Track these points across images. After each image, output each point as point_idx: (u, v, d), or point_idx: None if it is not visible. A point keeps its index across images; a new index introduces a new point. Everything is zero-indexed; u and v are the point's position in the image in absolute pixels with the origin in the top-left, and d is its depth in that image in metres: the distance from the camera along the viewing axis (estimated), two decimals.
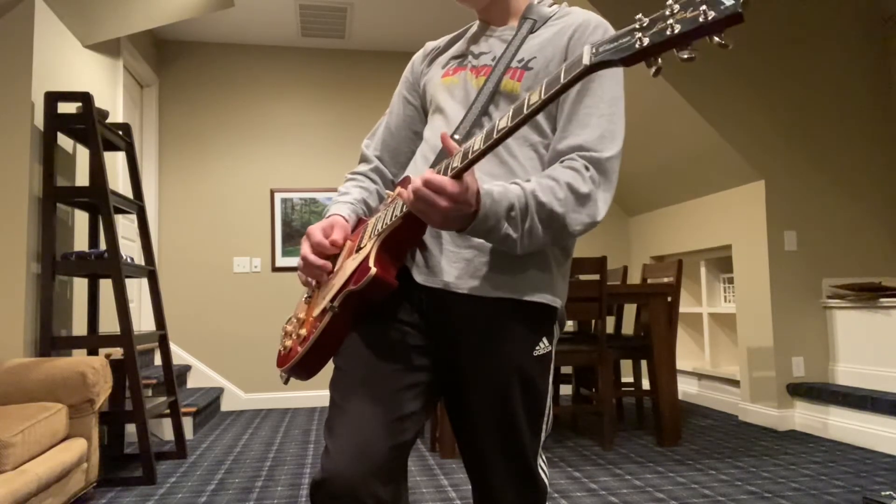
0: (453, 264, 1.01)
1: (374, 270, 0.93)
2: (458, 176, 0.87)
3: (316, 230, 1.06)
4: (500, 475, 1.03)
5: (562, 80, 0.74)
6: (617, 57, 0.69)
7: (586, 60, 0.72)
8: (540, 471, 1.07)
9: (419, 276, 1.03)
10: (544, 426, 1.07)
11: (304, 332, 1.06)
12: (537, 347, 1.03)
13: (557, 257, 1.07)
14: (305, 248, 1.06)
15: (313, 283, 1.10)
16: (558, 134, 1.02)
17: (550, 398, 1.09)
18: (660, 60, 0.68)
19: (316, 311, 1.05)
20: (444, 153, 1.05)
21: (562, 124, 1.02)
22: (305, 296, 1.15)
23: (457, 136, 1.05)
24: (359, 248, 1.03)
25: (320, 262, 1.04)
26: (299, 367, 1.04)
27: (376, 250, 0.96)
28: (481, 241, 0.99)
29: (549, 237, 0.96)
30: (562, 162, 0.99)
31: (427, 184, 0.86)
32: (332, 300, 0.99)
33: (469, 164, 0.84)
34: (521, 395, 1.02)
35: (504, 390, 1.01)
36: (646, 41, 0.66)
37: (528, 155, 1.04)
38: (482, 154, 0.83)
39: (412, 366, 1.01)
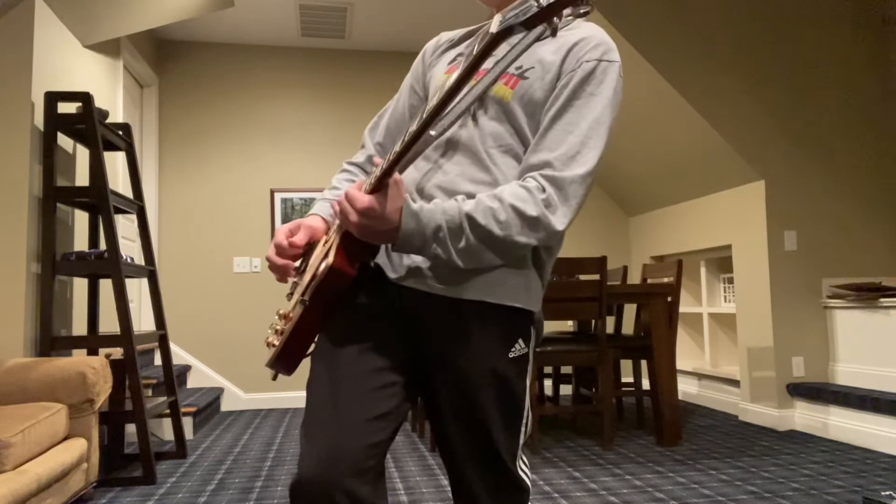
0: (427, 264, 1.00)
1: (329, 260, 0.95)
2: (379, 188, 0.89)
3: (280, 231, 1.07)
4: (473, 475, 1.03)
5: (474, 53, 0.74)
6: (519, 21, 0.70)
7: (493, 29, 0.72)
8: (520, 472, 1.06)
9: (393, 275, 1.02)
10: (523, 428, 1.06)
11: (280, 326, 1.08)
12: (513, 349, 1.02)
13: (538, 267, 1.05)
14: (270, 248, 1.07)
15: (292, 277, 1.11)
16: (532, 146, 1.00)
17: (529, 399, 1.08)
18: (556, 20, 0.71)
19: (292, 306, 1.07)
20: (422, 147, 1.04)
21: (537, 137, 1.00)
22: (288, 292, 1.17)
23: (433, 132, 1.03)
24: (327, 241, 1.05)
25: (280, 262, 1.05)
26: (279, 360, 1.05)
27: (337, 241, 0.97)
28: None
29: (496, 255, 0.96)
30: (522, 179, 0.97)
31: (346, 197, 0.90)
32: (303, 294, 1.01)
33: (388, 171, 0.87)
34: (496, 397, 1.00)
35: (477, 392, 1.00)
36: (543, 1, 0.69)
37: (511, 164, 1.02)
38: (399, 156, 0.85)
39: (388, 365, 1.00)
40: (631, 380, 4.96)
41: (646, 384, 5.09)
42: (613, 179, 5.21)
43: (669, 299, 3.43)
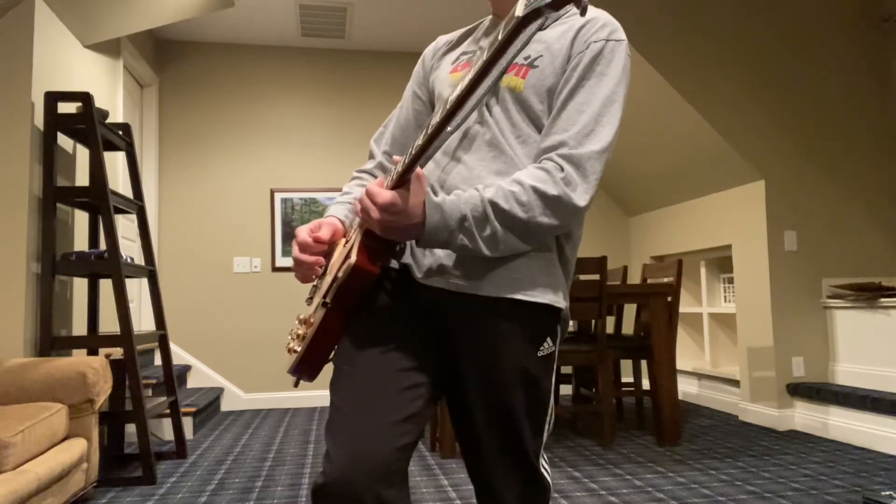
0: (454, 262, 1.00)
1: (353, 259, 0.94)
2: (401, 184, 0.88)
3: (302, 230, 1.06)
4: (501, 475, 1.02)
5: (499, 38, 0.73)
6: (545, 2, 0.68)
7: (519, 12, 0.70)
8: (542, 470, 1.06)
9: (419, 274, 1.02)
10: (546, 426, 1.06)
11: (301, 331, 1.07)
12: (542, 347, 1.02)
13: (563, 263, 1.05)
14: (294, 248, 1.06)
15: (314, 279, 1.10)
16: (546, 129, 1.00)
17: (553, 397, 1.08)
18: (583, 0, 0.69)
19: (313, 310, 1.06)
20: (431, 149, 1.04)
21: (550, 119, 1.00)
22: (308, 297, 1.16)
23: (448, 129, 1.03)
24: (347, 242, 1.04)
25: (310, 259, 1.04)
26: (301, 366, 1.04)
27: (359, 240, 0.96)
28: None
29: (522, 240, 0.95)
30: (538, 162, 0.97)
31: (366, 193, 0.89)
32: (325, 296, 1.00)
33: (410, 165, 0.85)
34: (524, 396, 1.00)
35: (506, 391, 0.99)
36: None
37: (530, 152, 1.02)
38: (421, 150, 0.83)
39: (414, 366, 0.99)
40: (631, 380, 4.96)
41: (646, 384, 5.09)
42: (613, 179, 5.21)
43: (669, 299, 3.43)
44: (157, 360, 4.54)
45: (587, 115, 0.97)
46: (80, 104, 2.83)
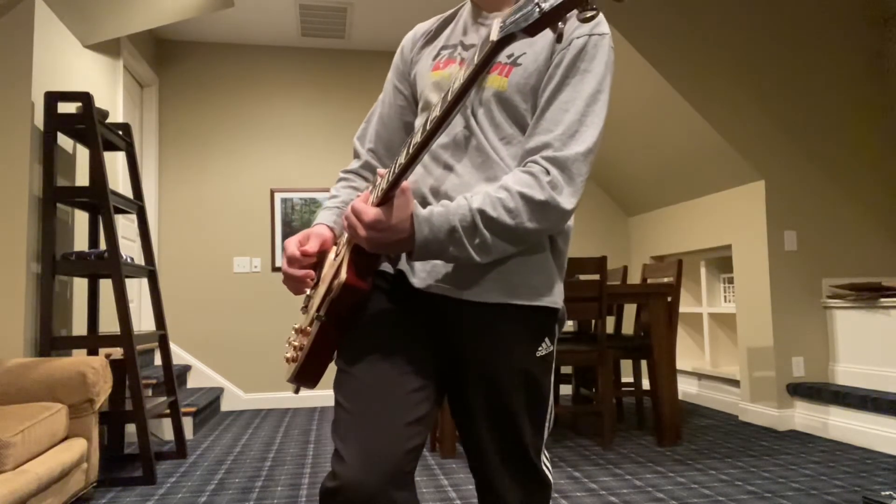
0: (448, 269, 1.00)
1: (343, 277, 0.94)
2: (386, 200, 0.88)
3: (291, 242, 1.05)
4: (504, 473, 1.03)
5: (475, 62, 0.73)
6: (520, 28, 0.68)
7: (494, 36, 0.70)
8: (544, 467, 1.07)
9: (415, 281, 1.02)
10: (547, 423, 1.07)
11: (297, 342, 1.07)
12: (540, 348, 1.02)
13: (556, 257, 1.06)
14: (283, 262, 1.06)
15: (307, 291, 1.10)
16: (530, 129, 0.99)
17: (552, 395, 1.09)
18: (561, 25, 0.69)
19: (308, 321, 1.06)
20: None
21: (535, 119, 0.98)
22: (303, 305, 1.16)
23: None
24: (337, 255, 1.04)
25: (299, 273, 1.04)
26: (301, 376, 1.04)
27: (349, 256, 0.96)
28: None
29: (513, 244, 0.95)
30: (524, 165, 0.96)
31: (352, 210, 0.89)
32: (318, 309, 1.00)
33: (394, 183, 0.86)
34: (525, 396, 1.01)
35: (508, 392, 1.00)
36: (545, 6, 0.67)
37: (516, 153, 1.01)
38: (404, 168, 0.84)
39: (417, 368, 1.00)
40: (631, 380, 4.96)
41: (646, 384, 5.09)
42: (613, 179, 5.21)
43: (669, 299, 3.43)
44: (157, 360, 4.54)
45: (571, 114, 0.96)
46: (80, 104, 2.83)
